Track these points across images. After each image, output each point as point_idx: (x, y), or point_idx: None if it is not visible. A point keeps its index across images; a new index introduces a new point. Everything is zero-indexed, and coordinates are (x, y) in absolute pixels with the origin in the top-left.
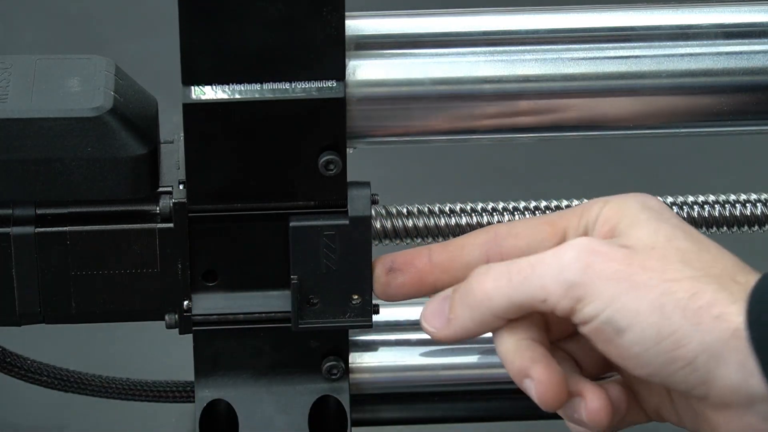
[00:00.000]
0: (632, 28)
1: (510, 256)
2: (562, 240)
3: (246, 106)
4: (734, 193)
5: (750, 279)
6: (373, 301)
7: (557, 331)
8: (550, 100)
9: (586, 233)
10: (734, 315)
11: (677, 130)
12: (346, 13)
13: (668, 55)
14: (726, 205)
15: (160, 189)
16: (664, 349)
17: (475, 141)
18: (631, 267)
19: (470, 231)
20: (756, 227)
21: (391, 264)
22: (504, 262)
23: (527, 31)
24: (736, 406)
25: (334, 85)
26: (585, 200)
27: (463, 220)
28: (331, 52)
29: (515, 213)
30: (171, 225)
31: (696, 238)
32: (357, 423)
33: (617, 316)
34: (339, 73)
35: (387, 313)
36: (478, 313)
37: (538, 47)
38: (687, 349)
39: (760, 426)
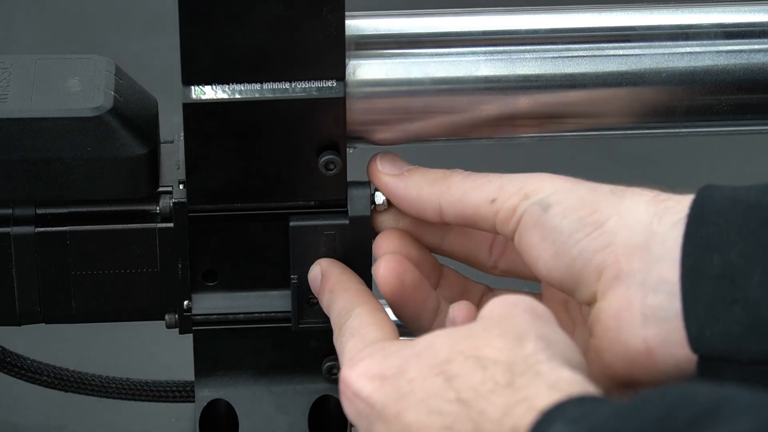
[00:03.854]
0: (632, 28)
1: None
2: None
3: (246, 105)
4: None
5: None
6: None
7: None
8: (550, 100)
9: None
10: (664, 194)
11: (677, 130)
12: (346, 13)
13: (668, 55)
14: None
15: (160, 189)
16: (581, 215)
17: (475, 141)
18: (584, 182)
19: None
20: None
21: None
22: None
23: (527, 31)
24: (625, 274)
25: (334, 84)
26: None
27: None
28: (331, 52)
29: None
30: (171, 225)
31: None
32: None
33: (550, 198)
34: (339, 73)
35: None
36: (430, 193)
37: (538, 47)
38: (602, 213)
39: (638, 300)
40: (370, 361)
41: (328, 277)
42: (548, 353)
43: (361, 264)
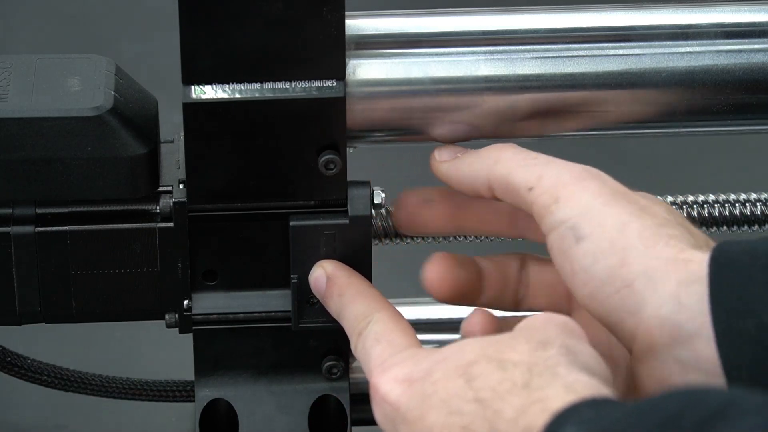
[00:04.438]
0: (632, 28)
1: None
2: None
3: (246, 105)
4: (734, 193)
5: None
6: None
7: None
8: (550, 100)
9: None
10: (686, 249)
11: (677, 130)
12: (346, 13)
13: (668, 55)
14: (726, 205)
15: (160, 188)
16: (610, 264)
17: (476, 141)
18: (617, 192)
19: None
20: (756, 227)
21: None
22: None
23: (527, 31)
24: (660, 348)
25: (334, 84)
26: None
27: None
28: (331, 51)
29: None
30: (171, 224)
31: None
32: (357, 423)
33: (582, 223)
34: (339, 72)
35: None
36: (479, 168)
37: (538, 47)
38: (630, 269)
39: (678, 376)
40: (400, 366)
41: (334, 281)
42: (569, 359)
43: (361, 264)
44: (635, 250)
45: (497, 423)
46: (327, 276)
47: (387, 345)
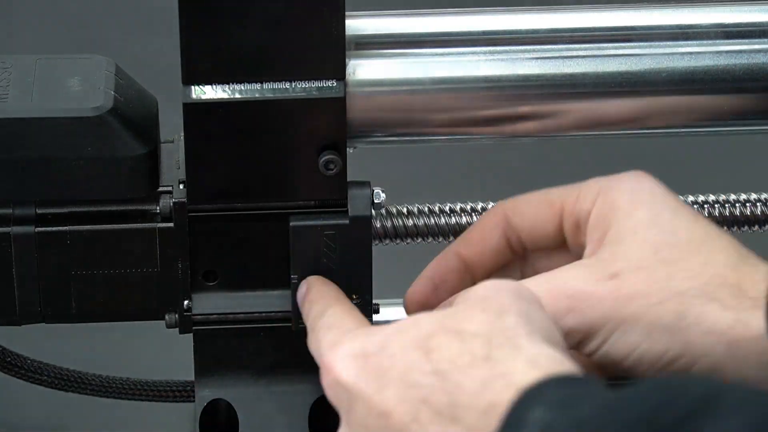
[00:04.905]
0: (632, 28)
1: (519, 232)
2: (560, 221)
3: (246, 105)
4: (734, 193)
5: (746, 279)
6: (373, 301)
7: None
8: (550, 100)
9: (578, 224)
10: (725, 322)
11: (677, 130)
12: (346, 13)
13: (668, 55)
14: (726, 205)
15: (161, 188)
16: (662, 366)
17: (475, 141)
18: (617, 301)
19: None
20: (756, 227)
21: (432, 282)
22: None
23: (527, 31)
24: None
25: (334, 84)
26: None
27: (464, 220)
28: (331, 51)
29: None
30: (171, 224)
31: (686, 238)
32: None
33: (612, 351)
34: (339, 72)
35: (387, 313)
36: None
37: (538, 47)
38: (681, 362)
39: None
40: (353, 342)
41: (309, 290)
42: (528, 329)
43: (361, 264)
44: (675, 349)
45: (458, 396)
46: (306, 287)
47: (337, 329)
